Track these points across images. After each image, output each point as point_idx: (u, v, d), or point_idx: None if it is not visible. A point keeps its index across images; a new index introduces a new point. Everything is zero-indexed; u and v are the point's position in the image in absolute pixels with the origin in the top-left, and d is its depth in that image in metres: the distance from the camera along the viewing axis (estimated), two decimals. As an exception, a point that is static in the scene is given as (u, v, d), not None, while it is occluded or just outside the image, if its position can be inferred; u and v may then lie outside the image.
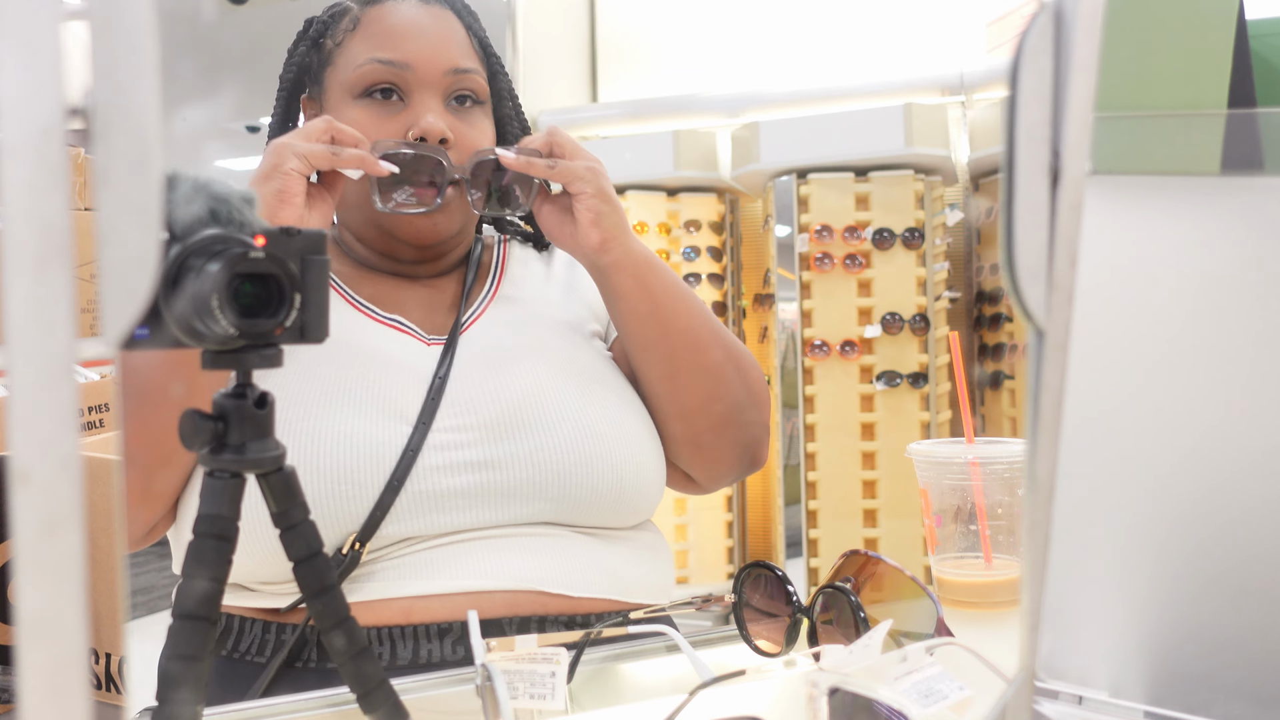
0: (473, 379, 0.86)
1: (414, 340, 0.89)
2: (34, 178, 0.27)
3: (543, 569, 0.81)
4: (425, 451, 0.80)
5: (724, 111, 2.19)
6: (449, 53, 0.91)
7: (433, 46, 0.90)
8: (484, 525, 0.81)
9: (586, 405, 0.87)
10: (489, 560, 0.80)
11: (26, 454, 0.27)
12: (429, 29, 0.91)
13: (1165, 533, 0.61)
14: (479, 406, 0.84)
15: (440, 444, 0.81)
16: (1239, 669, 0.58)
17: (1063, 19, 0.36)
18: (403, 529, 0.79)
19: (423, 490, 0.79)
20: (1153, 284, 0.62)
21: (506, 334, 0.91)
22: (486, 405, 0.84)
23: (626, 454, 0.86)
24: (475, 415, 0.83)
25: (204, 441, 0.48)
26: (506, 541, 0.81)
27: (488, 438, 0.83)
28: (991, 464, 0.87)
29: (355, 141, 0.83)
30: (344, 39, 0.92)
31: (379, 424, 0.80)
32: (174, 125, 2.13)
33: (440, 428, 0.82)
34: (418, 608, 0.78)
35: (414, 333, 0.90)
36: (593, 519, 0.85)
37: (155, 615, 1.20)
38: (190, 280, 0.44)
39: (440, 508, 0.80)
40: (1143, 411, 0.62)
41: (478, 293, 0.97)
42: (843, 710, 0.52)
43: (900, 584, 0.69)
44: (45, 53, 0.27)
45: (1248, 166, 0.64)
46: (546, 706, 0.60)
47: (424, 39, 0.90)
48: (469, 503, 0.81)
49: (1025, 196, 0.36)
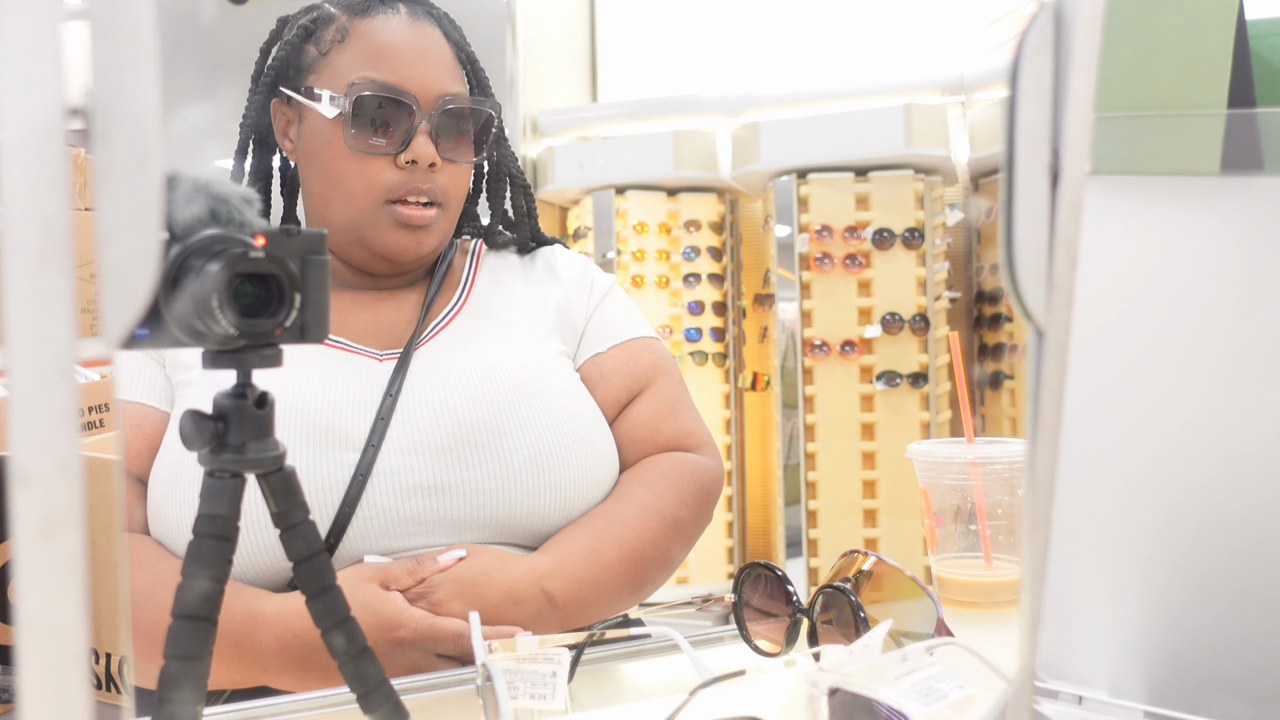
0: (424, 398, 0.84)
1: (363, 358, 0.88)
2: (34, 178, 0.27)
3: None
4: (375, 476, 0.80)
5: (724, 111, 2.19)
6: (439, 77, 0.90)
7: (424, 70, 0.89)
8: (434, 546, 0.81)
9: (544, 430, 0.85)
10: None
11: (26, 454, 0.27)
12: (420, 50, 0.90)
13: (1165, 533, 0.61)
14: (430, 429, 0.83)
15: (389, 468, 0.81)
16: (1239, 669, 0.58)
17: (1063, 19, 0.36)
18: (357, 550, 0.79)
19: (374, 515, 0.80)
20: (1153, 284, 0.62)
21: (465, 350, 0.89)
22: (437, 428, 0.83)
23: (576, 477, 0.85)
24: (426, 438, 0.82)
25: (204, 441, 0.48)
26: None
27: (436, 463, 0.82)
28: (991, 464, 0.87)
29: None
30: (330, 49, 0.90)
31: (325, 453, 0.80)
32: (174, 125, 2.13)
33: (391, 450, 0.81)
34: None
35: (364, 352, 0.88)
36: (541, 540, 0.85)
37: (155, 615, 1.20)
38: (190, 280, 0.44)
39: (391, 532, 0.80)
40: (1143, 411, 0.62)
41: (443, 304, 0.95)
42: (843, 710, 0.52)
43: (900, 584, 0.69)
44: (45, 53, 0.27)
45: (1248, 166, 0.64)
46: (546, 706, 0.60)
47: (415, 61, 0.89)
48: (419, 527, 0.81)
49: (1025, 196, 0.36)
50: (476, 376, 0.86)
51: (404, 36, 0.90)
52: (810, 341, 1.95)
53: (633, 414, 0.94)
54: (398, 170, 0.89)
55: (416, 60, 0.89)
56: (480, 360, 0.88)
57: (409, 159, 0.88)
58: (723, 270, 2.17)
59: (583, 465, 0.86)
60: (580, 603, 0.80)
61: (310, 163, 0.92)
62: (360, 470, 0.80)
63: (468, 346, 0.90)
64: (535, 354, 0.91)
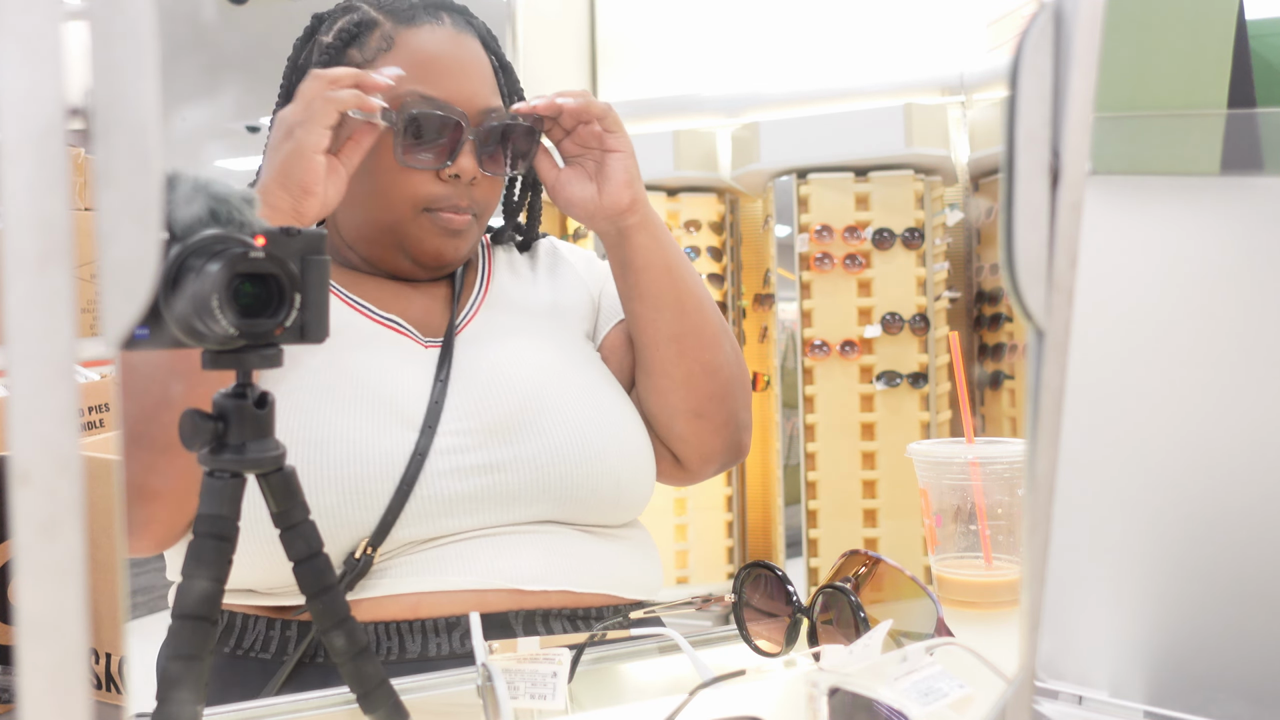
0: (472, 382, 0.87)
1: (412, 342, 0.90)
2: (34, 178, 0.27)
3: (546, 566, 0.83)
4: (432, 456, 0.81)
5: (724, 111, 2.19)
6: (483, 91, 0.92)
7: (470, 85, 0.91)
8: (489, 525, 0.83)
9: (582, 406, 0.88)
10: (494, 558, 0.82)
11: (26, 454, 0.27)
12: (466, 65, 0.92)
13: (1165, 533, 0.61)
14: (480, 410, 0.85)
15: (446, 448, 0.82)
16: (1239, 669, 0.58)
17: (1063, 19, 0.36)
18: (412, 533, 0.80)
19: (431, 495, 0.80)
20: (1153, 284, 0.62)
21: (500, 336, 0.93)
22: (487, 409, 0.85)
23: (622, 453, 0.89)
24: (478, 419, 0.84)
25: (204, 441, 0.48)
26: (511, 539, 0.83)
27: (490, 441, 0.84)
28: (991, 464, 0.87)
29: (388, 88, 0.83)
30: (376, 58, 0.90)
31: (386, 430, 0.81)
32: (174, 125, 2.13)
33: (444, 431, 0.83)
34: (425, 603, 0.80)
35: (411, 334, 0.91)
36: (591, 517, 0.88)
37: (155, 615, 1.20)
38: (190, 280, 0.44)
39: (448, 511, 0.81)
40: (1143, 411, 0.62)
41: (468, 296, 0.97)
42: (843, 710, 0.52)
43: (900, 584, 0.69)
44: (45, 53, 0.27)
45: (1248, 166, 0.64)
46: (547, 706, 0.60)
47: (462, 76, 0.91)
48: (475, 505, 0.82)
49: (1025, 196, 0.36)
50: (515, 361, 0.89)
51: (450, 50, 0.91)
52: (810, 341, 1.95)
53: None
54: (440, 183, 0.90)
55: (463, 75, 0.91)
56: (515, 347, 0.91)
57: (453, 173, 0.90)
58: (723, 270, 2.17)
59: (618, 433, 0.90)
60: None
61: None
62: (419, 450, 0.81)
63: (500, 334, 0.93)
64: (560, 338, 0.96)
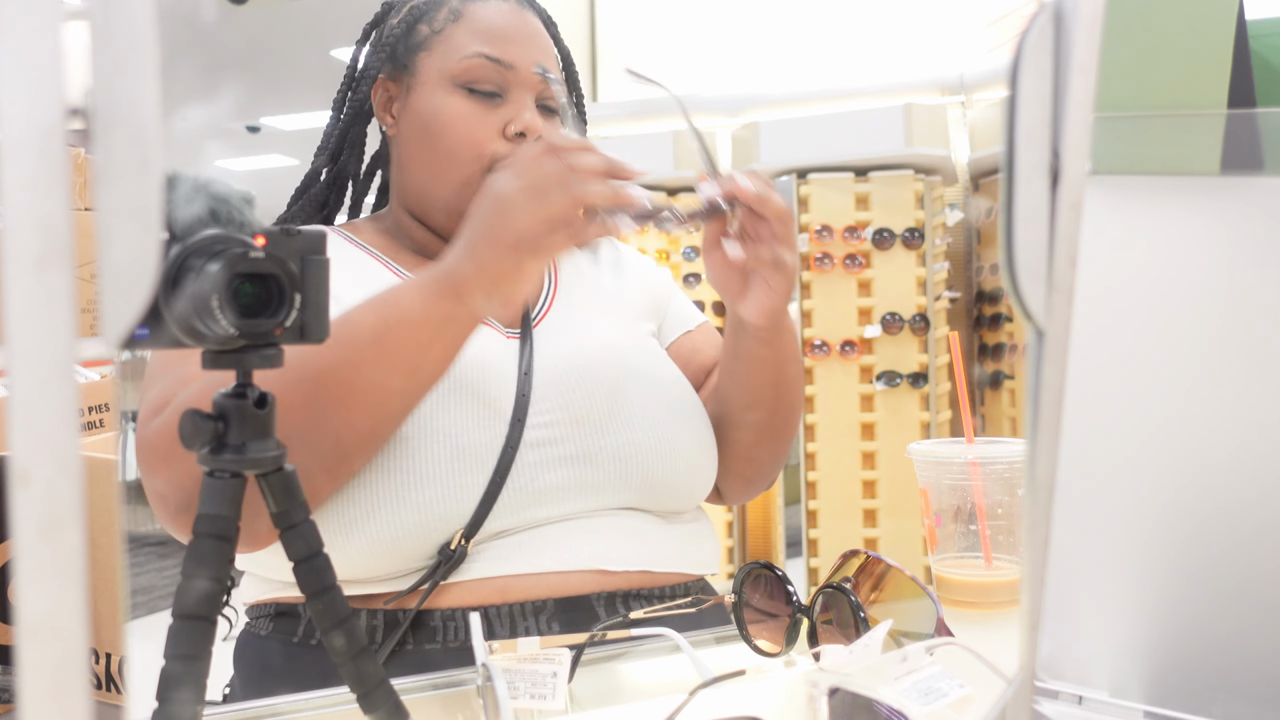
0: (554, 372, 0.88)
1: (494, 331, 0.91)
2: (34, 178, 0.27)
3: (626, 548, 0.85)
4: (522, 449, 0.83)
5: (724, 111, 2.19)
6: (545, 60, 0.95)
7: (533, 52, 0.94)
8: (573, 513, 0.85)
9: (658, 399, 0.91)
10: (578, 542, 0.84)
11: (26, 454, 0.27)
12: (530, 34, 0.95)
13: (1165, 533, 0.61)
14: (565, 401, 0.87)
15: (534, 440, 0.84)
16: (1239, 669, 0.58)
17: (1063, 19, 0.36)
18: (502, 523, 0.82)
19: (522, 486, 0.82)
20: (1153, 284, 0.62)
21: (575, 328, 0.95)
22: (572, 400, 0.87)
23: (695, 444, 0.92)
24: (564, 411, 0.86)
25: (204, 441, 0.48)
26: (593, 523, 0.85)
27: (577, 433, 0.86)
28: (991, 464, 0.87)
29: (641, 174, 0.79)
30: (445, 28, 0.95)
31: (480, 424, 0.83)
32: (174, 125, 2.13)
33: (532, 425, 0.85)
34: (512, 586, 0.81)
35: (492, 323, 0.92)
36: (666, 504, 0.90)
37: (155, 615, 1.20)
38: (190, 280, 0.44)
39: (538, 502, 0.83)
40: (1143, 411, 0.62)
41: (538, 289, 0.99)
42: (843, 710, 0.52)
43: (900, 584, 0.69)
44: (45, 53, 0.27)
45: (1248, 166, 0.64)
46: (547, 706, 0.60)
47: (526, 43, 0.94)
48: (562, 495, 0.84)
49: (1025, 196, 0.36)
50: (593, 353, 0.91)
51: (515, 22, 0.95)
52: (810, 341, 1.95)
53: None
54: (505, 142, 0.92)
55: (527, 44, 0.94)
56: (591, 339, 0.93)
57: (518, 130, 0.91)
58: (723, 270, 2.17)
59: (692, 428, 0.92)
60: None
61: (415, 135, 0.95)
62: (509, 443, 0.82)
63: (575, 327, 0.95)
64: (631, 333, 0.98)
